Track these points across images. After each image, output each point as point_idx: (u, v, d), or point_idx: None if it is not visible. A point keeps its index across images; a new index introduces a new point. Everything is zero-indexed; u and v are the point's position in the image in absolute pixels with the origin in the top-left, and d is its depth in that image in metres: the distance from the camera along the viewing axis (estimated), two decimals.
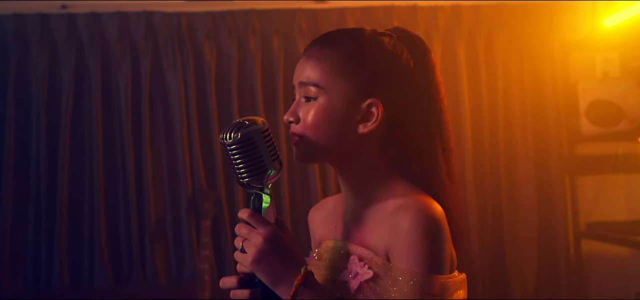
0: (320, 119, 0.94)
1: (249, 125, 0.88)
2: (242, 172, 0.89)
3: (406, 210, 0.88)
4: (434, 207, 0.90)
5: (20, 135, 2.56)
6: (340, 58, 0.95)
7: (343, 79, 0.95)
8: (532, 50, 2.76)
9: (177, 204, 2.62)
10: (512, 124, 2.78)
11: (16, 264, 2.53)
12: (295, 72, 1.00)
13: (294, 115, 0.96)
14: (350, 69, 0.95)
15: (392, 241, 0.89)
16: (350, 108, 0.94)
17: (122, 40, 2.61)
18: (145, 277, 2.58)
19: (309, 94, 0.95)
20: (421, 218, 0.87)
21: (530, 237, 2.76)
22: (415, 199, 0.91)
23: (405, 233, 0.87)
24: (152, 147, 2.62)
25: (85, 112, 2.59)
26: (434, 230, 0.87)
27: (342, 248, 0.99)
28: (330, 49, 0.96)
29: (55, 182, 2.54)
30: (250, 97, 2.67)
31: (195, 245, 2.58)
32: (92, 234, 2.56)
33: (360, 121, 0.95)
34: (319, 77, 0.94)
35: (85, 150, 2.58)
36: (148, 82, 2.61)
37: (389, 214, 0.91)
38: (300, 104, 0.97)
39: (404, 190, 0.95)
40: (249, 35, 2.67)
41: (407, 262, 0.86)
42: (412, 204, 0.89)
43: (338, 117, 0.94)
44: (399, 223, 0.88)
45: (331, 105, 0.94)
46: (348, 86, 0.95)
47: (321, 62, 0.95)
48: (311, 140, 0.95)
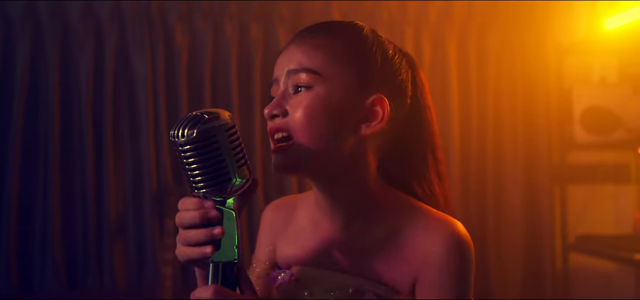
0: (315, 112, 0.77)
1: (208, 120, 0.68)
2: (198, 180, 0.69)
3: (435, 234, 0.77)
4: (461, 227, 0.78)
5: None
6: (344, 45, 0.81)
7: (346, 68, 0.80)
8: (526, 50, 2.62)
9: (140, 201, 2.40)
10: (502, 127, 2.64)
11: None
12: (279, 62, 0.83)
13: (280, 108, 0.79)
14: (355, 58, 0.81)
15: (420, 271, 0.76)
16: (352, 103, 0.79)
17: (85, 17, 2.36)
18: (102, 281, 2.36)
19: (301, 82, 0.79)
20: (455, 242, 0.76)
21: (515, 247, 2.63)
22: (439, 218, 0.79)
23: (439, 261, 0.76)
24: (115, 138, 2.39)
25: (40, 98, 2.35)
26: (468, 255, 0.77)
27: (347, 285, 0.80)
28: (329, 37, 0.81)
29: (3, 175, 2.30)
30: (224, 87, 2.47)
31: (158, 247, 2.37)
32: (44, 233, 2.32)
33: (362, 120, 0.79)
34: (316, 63, 0.79)
35: (39, 140, 2.34)
36: (112, 66, 2.38)
37: (410, 239, 0.78)
38: (287, 96, 0.79)
39: (414, 207, 0.81)
40: (225, 20, 2.46)
41: (441, 294, 0.75)
42: (439, 226, 0.78)
43: (337, 112, 0.78)
44: (428, 250, 0.76)
45: (330, 97, 0.78)
46: (352, 77, 0.80)
47: (319, 49, 0.80)
48: (300, 140, 0.78)
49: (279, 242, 0.90)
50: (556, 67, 2.59)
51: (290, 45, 0.83)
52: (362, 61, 0.81)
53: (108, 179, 2.36)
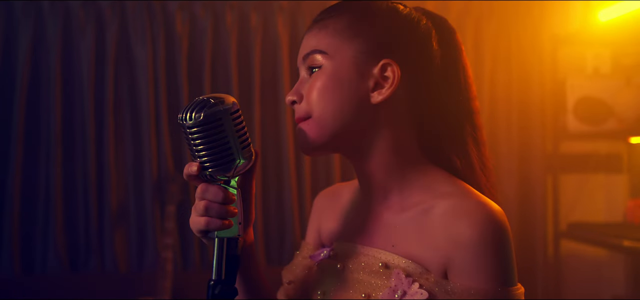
0: (326, 87, 0.80)
1: (214, 104, 0.72)
2: (204, 160, 0.73)
3: (466, 216, 0.74)
4: (496, 208, 0.76)
5: None
6: (347, 20, 0.83)
7: (350, 40, 0.82)
8: (522, 42, 2.66)
9: (141, 187, 2.43)
10: (497, 117, 2.68)
11: None
12: (299, 52, 0.87)
13: (297, 94, 0.83)
14: (358, 29, 0.82)
15: (451, 255, 0.74)
16: (360, 73, 0.81)
17: (86, 6, 2.39)
18: (103, 264, 2.40)
19: (314, 63, 0.83)
20: (486, 225, 0.73)
21: None
22: (472, 199, 0.77)
23: (470, 245, 0.73)
24: (116, 124, 2.43)
25: (42, 84, 2.38)
26: (502, 237, 0.74)
27: (378, 258, 0.81)
28: (335, 15, 0.84)
29: (7, 160, 2.33)
30: (224, 75, 2.50)
31: (159, 232, 2.41)
32: (47, 217, 2.36)
33: (373, 88, 0.81)
34: (322, 43, 0.82)
35: (41, 126, 2.38)
36: (113, 53, 2.41)
37: (440, 219, 0.76)
38: (304, 81, 0.84)
39: (449, 185, 0.80)
40: (225, 8, 2.49)
41: (476, 279, 0.73)
42: (471, 208, 0.75)
43: (346, 84, 0.80)
44: (459, 233, 0.74)
45: (338, 71, 0.81)
46: (357, 47, 0.82)
47: (326, 28, 0.83)
48: (318, 118, 0.80)
49: (324, 223, 0.94)
50: (551, 58, 2.63)
51: (306, 34, 0.87)
52: (368, 31, 0.82)
53: (109, 165, 2.39)
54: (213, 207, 0.74)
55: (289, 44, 2.50)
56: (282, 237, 2.52)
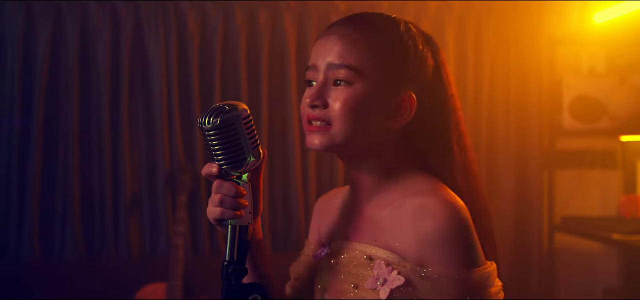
0: (354, 108, 0.87)
1: (229, 111, 0.82)
2: (219, 159, 0.84)
3: (427, 212, 0.84)
4: (454, 201, 0.86)
5: None
6: (382, 43, 0.89)
7: (383, 66, 0.88)
8: (521, 42, 2.74)
9: (154, 177, 2.55)
10: (495, 114, 2.77)
11: None
12: (318, 50, 0.91)
13: (321, 100, 0.88)
14: (391, 56, 0.89)
15: (422, 249, 0.84)
16: (386, 99, 0.88)
17: (102, 4, 2.50)
18: (117, 250, 2.53)
19: (341, 76, 0.87)
20: (448, 221, 0.83)
21: (505, 228, 2.78)
22: (437, 197, 0.86)
23: (434, 238, 0.83)
24: (130, 117, 2.54)
25: (61, 78, 2.50)
26: (463, 229, 0.84)
27: (363, 252, 0.91)
28: (369, 32, 0.89)
29: (27, 150, 2.45)
30: (233, 70, 2.60)
31: (170, 220, 2.53)
32: (65, 205, 2.49)
33: (392, 115, 0.89)
34: (356, 61, 0.87)
35: (59, 118, 2.50)
36: (128, 49, 2.52)
37: (409, 216, 0.86)
38: (327, 87, 0.89)
39: (421, 184, 0.90)
40: (235, 7, 2.59)
41: (443, 265, 0.83)
42: (435, 205, 0.85)
43: (373, 108, 0.88)
44: (424, 228, 0.84)
45: (367, 94, 0.87)
46: (387, 76, 0.88)
47: (359, 44, 0.88)
48: (338, 131, 0.87)
49: (323, 224, 1.05)
50: (548, 57, 2.72)
51: (331, 35, 0.89)
52: (396, 59, 0.89)
53: (124, 157, 2.51)
54: (227, 200, 0.85)
55: (296, 42, 2.61)
56: (287, 227, 2.64)
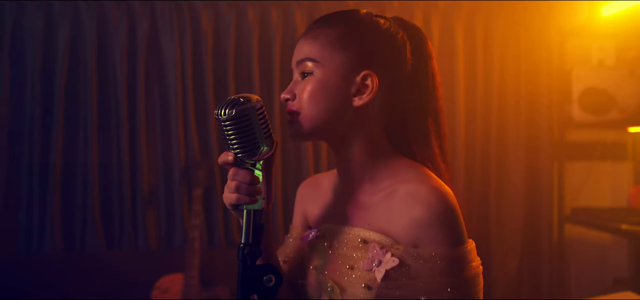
0: (316, 92, 0.96)
1: (243, 103, 0.88)
2: (235, 147, 0.90)
3: (419, 199, 0.91)
4: (443, 188, 0.93)
5: (14, 97, 2.54)
6: (336, 33, 0.97)
7: (338, 52, 0.96)
8: (531, 34, 2.76)
9: (170, 172, 2.63)
10: (506, 107, 2.80)
11: (8, 227, 2.54)
12: (293, 54, 1.01)
13: (291, 93, 0.98)
14: (345, 42, 0.97)
15: (414, 231, 0.91)
16: (345, 80, 0.96)
17: (119, 3, 2.57)
18: (136, 243, 2.60)
19: (306, 69, 0.97)
20: (439, 207, 0.91)
21: (515, 219, 2.81)
22: (427, 184, 0.93)
23: (426, 222, 0.91)
24: (147, 113, 2.62)
25: (80, 77, 2.57)
26: (449, 211, 0.92)
27: (357, 236, 0.97)
28: (325, 27, 0.98)
29: (48, 146, 2.54)
30: (246, 67, 2.66)
31: (186, 214, 2.60)
32: (85, 199, 2.57)
33: (355, 94, 0.97)
34: (314, 52, 0.97)
35: (79, 115, 2.58)
36: (144, 47, 2.59)
37: (403, 202, 0.93)
38: (297, 82, 0.99)
39: (410, 172, 0.97)
40: (247, 6, 2.65)
41: (434, 245, 0.90)
42: (427, 193, 0.92)
43: (333, 90, 0.96)
44: (416, 213, 0.91)
45: (326, 78, 0.96)
46: (343, 59, 0.96)
47: (317, 39, 0.98)
48: (306, 115, 0.96)
49: (308, 208, 1.11)
50: (558, 50, 2.74)
51: (301, 39, 1.00)
52: (354, 44, 0.97)
53: (141, 151, 2.59)
54: (242, 187, 0.91)
55: None
56: None
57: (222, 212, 2.63)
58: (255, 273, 0.92)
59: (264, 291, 0.93)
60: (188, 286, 2.35)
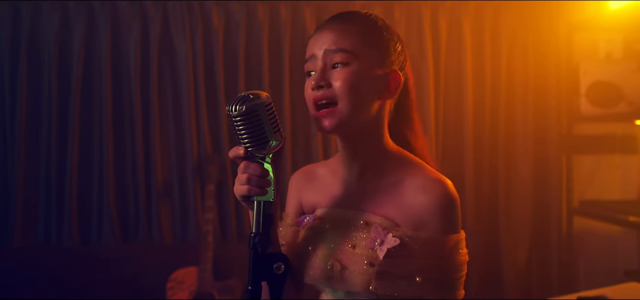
0: (354, 84, 1.00)
1: (253, 99, 0.93)
2: (245, 142, 0.94)
3: (429, 192, 0.99)
4: (448, 182, 1.01)
5: (32, 95, 2.61)
6: (368, 31, 1.04)
7: (369, 48, 1.02)
8: (538, 28, 2.78)
9: (183, 167, 2.69)
10: (514, 100, 2.82)
11: (28, 222, 2.62)
12: (313, 43, 1.04)
13: (325, 80, 1.01)
14: (376, 41, 1.04)
15: (417, 217, 0.99)
16: (376, 75, 1.02)
17: (132, 3, 2.63)
18: (151, 237, 2.67)
19: (338, 59, 1.01)
20: (443, 197, 0.99)
21: (524, 212, 2.83)
22: (432, 176, 1.01)
23: (431, 212, 0.99)
24: (160, 111, 2.67)
25: (95, 75, 2.64)
26: (451, 201, 1.00)
27: (360, 218, 1.04)
28: (356, 24, 1.04)
29: (65, 143, 2.61)
30: (256, 64, 2.71)
31: (200, 208, 2.66)
32: (100, 195, 2.64)
33: (382, 89, 1.03)
34: (349, 45, 1.01)
35: (94, 112, 2.64)
36: (157, 46, 2.65)
37: (411, 191, 1.00)
38: (328, 70, 1.01)
39: (413, 164, 1.05)
40: (257, 3, 2.69)
41: (433, 231, 0.99)
42: (431, 185, 1.00)
43: (367, 82, 1.02)
44: (420, 201, 0.99)
45: (362, 71, 1.01)
46: (375, 55, 1.03)
47: (349, 33, 1.02)
48: (343, 105, 0.99)
49: (304, 196, 1.17)
50: (566, 43, 2.75)
51: (324, 29, 1.04)
52: (381, 44, 1.04)
53: (155, 148, 2.65)
54: (253, 179, 0.96)
55: None
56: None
57: (234, 206, 2.69)
58: (265, 261, 0.97)
59: (273, 278, 0.98)
60: (202, 279, 2.41)
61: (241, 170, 0.97)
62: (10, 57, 2.59)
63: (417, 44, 2.74)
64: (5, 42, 2.58)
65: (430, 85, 2.72)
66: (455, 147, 2.80)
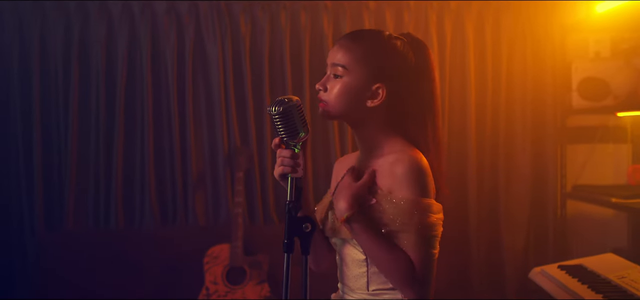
0: (342, 93, 1.34)
1: (287, 102, 1.25)
2: (281, 133, 1.27)
3: (401, 161, 1.30)
4: (419, 157, 1.31)
5: (82, 95, 2.95)
6: (362, 50, 1.35)
7: (361, 65, 1.34)
8: (535, 31, 3.06)
9: (215, 158, 3.02)
10: (513, 97, 3.10)
11: (79, 208, 2.97)
12: (329, 55, 1.39)
13: (324, 86, 1.37)
14: (368, 59, 1.35)
15: (392, 182, 1.30)
16: (363, 88, 1.35)
17: (169, 13, 2.96)
18: (187, 219, 3.01)
19: (337, 72, 1.35)
20: (410, 165, 1.29)
21: (523, 197, 3.12)
22: (407, 153, 1.32)
23: (400, 176, 1.29)
24: (194, 108, 3.00)
25: (137, 78, 2.97)
26: (419, 171, 1.29)
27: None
28: (356, 43, 1.36)
29: (112, 138, 2.95)
30: (279, 65, 3.02)
31: (230, 194, 2.99)
32: (143, 184, 2.97)
33: (369, 98, 1.35)
34: (345, 61, 1.35)
35: (136, 111, 2.98)
36: (191, 51, 2.97)
37: (389, 164, 1.32)
38: (330, 79, 1.37)
39: (401, 146, 1.36)
40: (280, 10, 3.00)
41: (403, 193, 1.28)
42: (404, 157, 1.30)
43: (353, 93, 1.34)
44: (396, 171, 1.30)
45: (351, 83, 1.34)
46: (365, 71, 1.35)
47: (349, 51, 1.35)
48: (332, 106, 1.35)
49: (339, 177, 1.48)
50: (560, 44, 3.03)
51: (336, 45, 1.37)
52: (374, 62, 1.33)
53: (190, 141, 2.98)
54: (287, 161, 1.29)
55: (332, 38, 3.00)
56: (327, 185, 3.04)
57: (260, 192, 3.01)
58: (297, 222, 1.29)
59: (303, 234, 1.29)
60: (234, 254, 2.74)
61: (278, 155, 1.30)
62: (63, 58, 2.92)
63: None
64: (59, 46, 2.92)
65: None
66: (459, 139, 3.09)
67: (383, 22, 3.00)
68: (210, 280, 2.73)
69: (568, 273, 2.16)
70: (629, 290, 1.88)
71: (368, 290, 1.36)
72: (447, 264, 2.99)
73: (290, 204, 1.28)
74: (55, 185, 2.97)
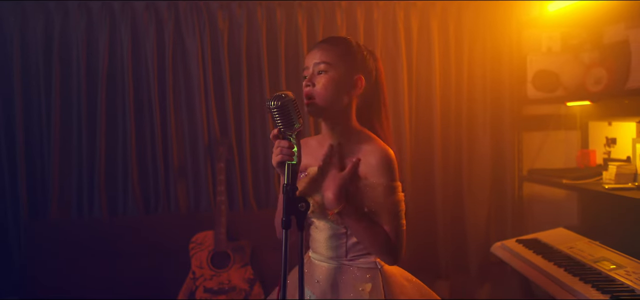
0: (329, 84, 1.56)
1: (284, 97, 1.43)
2: (279, 125, 1.45)
3: (374, 153, 1.55)
4: (388, 149, 1.56)
5: (64, 91, 3.02)
6: (342, 49, 1.59)
7: (343, 61, 1.57)
8: (494, 27, 3.30)
9: (196, 149, 3.14)
10: (474, 88, 3.34)
11: (63, 198, 3.05)
12: (308, 58, 1.60)
13: (311, 82, 1.58)
14: (347, 57, 1.58)
15: (368, 171, 1.54)
16: (346, 79, 1.57)
17: (149, 9, 3.06)
18: (169, 208, 3.13)
19: (321, 69, 1.57)
20: (382, 156, 1.54)
21: (484, 179, 3.38)
22: (378, 145, 1.56)
23: (375, 165, 1.54)
24: (175, 101, 3.12)
25: (118, 71, 3.06)
26: (389, 161, 1.54)
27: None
28: (334, 45, 1.60)
29: (94, 131, 3.04)
30: (256, 60, 3.16)
31: (211, 183, 3.13)
32: (125, 174, 3.08)
33: (351, 88, 1.58)
34: (328, 59, 1.57)
35: (117, 103, 3.07)
36: (171, 45, 3.08)
37: (364, 153, 1.55)
38: (314, 76, 1.57)
39: (371, 139, 1.59)
40: (256, 6, 3.14)
41: (377, 179, 1.52)
42: (377, 149, 1.55)
43: (339, 84, 1.57)
44: (371, 161, 1.54)
45: (335, 76, 1.56)
46: (346, 65, 1.57)
47: (330, 51, 1.58)
48: (321, 98, 1.55)
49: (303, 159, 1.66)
50: (516, 39, 3.29)
51: (314, 49, 1.60)
52: (351, 57, 1.59)
53: (171, 132, 3.10)
54: (284, 150, 1.47)
55: (307, 34, 3.17)
56: None
57: (240, 182, 3.15)
58: (293, 202, 1.46)
59: (298, 213, 1.47)
60: (218, 240, 2.88)
61: (276, 145, 1.47)
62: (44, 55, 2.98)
63: (392, 41, 3.23)
64: (39, 42, 2.99)
65: (404, 77, 3.23)
66: (426, 127, 3.32)
67: (354, 19, 3.18)
68: (196, 264, 2.87)
69: (525, 246, 2.42)
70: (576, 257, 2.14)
71: (346, 257, 1.61)
72: (415, 241, 3.22)
73: (288, 187, 1.45)
74: (39, 177, 3.04)
